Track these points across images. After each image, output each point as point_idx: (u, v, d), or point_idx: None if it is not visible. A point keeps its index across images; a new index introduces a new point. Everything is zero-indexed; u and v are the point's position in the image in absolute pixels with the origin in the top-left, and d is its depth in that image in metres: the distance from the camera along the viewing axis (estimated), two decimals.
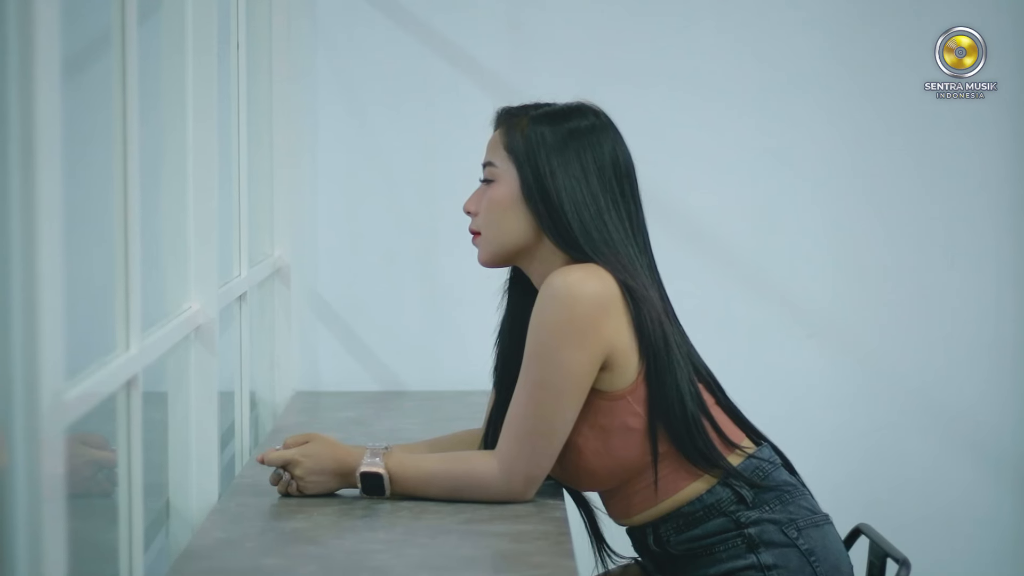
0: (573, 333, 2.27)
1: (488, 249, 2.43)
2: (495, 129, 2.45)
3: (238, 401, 3.03)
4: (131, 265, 1.96)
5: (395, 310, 3.86)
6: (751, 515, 2.33)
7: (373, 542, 2.17)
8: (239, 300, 3.05)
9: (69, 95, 1.90)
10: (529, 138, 2.38)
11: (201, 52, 2.48)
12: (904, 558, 2.44)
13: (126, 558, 2.01)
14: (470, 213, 2.44)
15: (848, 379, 3.94)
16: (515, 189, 2.39)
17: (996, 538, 3.97)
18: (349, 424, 3.29)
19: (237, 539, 2.22)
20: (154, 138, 2.40)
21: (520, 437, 2.32)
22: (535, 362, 2.30)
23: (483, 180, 2.43)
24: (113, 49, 1.96)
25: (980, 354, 3.94)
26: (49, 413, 1.51)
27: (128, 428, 2.01)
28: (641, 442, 2.32)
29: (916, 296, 3.93)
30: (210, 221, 2.50)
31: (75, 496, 1.91)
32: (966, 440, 3.95)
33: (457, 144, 3.81)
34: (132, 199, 1.96)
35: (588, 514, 2.53)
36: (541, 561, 2.09)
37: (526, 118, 2.41)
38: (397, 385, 3.85)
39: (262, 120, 3.50)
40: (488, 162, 2.43)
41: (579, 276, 2.29)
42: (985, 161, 3.91)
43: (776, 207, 3.91)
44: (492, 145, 2.44)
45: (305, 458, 2.39)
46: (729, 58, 3.86)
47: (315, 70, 3.81)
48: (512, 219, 2.39)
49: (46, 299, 1.49)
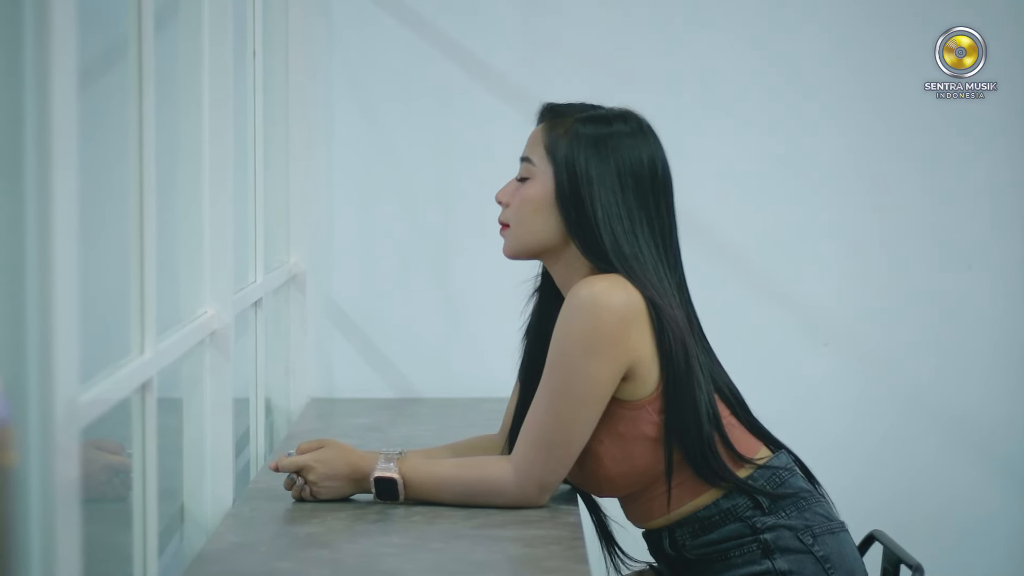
0: (597, 344, 2.27)
1: (514, 244, 2.43)
2: (538, 123, 2.44)
3: (253, 407, 3.03)
4: (146, 269, 1.97)
5: (410, 317, 3.86)
6: (767, 521, 2.32)
7: (386, 546, 2.17)
8: (254, 306, 3.06)
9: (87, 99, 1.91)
10: (571, 142, 2.37)
11: (217, 58, 2.49)
12: (917, 564, 2.44)
13: (140, 562, 2.01)
14: (501, 203, 2.43)
15: (858, 384, 3.93)
16: (549, 191, 2.38)
17: (1008, 542, 3.96)
18: (364, 431, 3.29)
19: (251, 543, 2.22)
20: (170, 142, 2.40)
21: (537, 444, 2.32)
22: (557, 371, 2.30)
23: (520, 177, 2.42)
24: (130, 54, 1.96)
25: (991, 359, 3.93)
26: (63, 416, 1.51)
27: (143, 432, 2.01)
28: (659, 450, 2.32)
29: (925, 300, 3.92)
30: (225, 226, 2.50)
31: (90, 500, 1.91)
32: (978, 445, 3.94)
33: (473, 150, 3.82)
34: (148, 203, 1.97)
35: (598, 517, 2.53)
36: (554, 566, 2.09)
37: (570, 120, 2.39)
38: (412, 392, 3.85)
39: (278, 126, 3.51)
40: (526, 157, 2.42)
41: (604, 287, 2.29)
42: (985, 161, 3.90)
43: (779, 208, 3.90)
44: (533, 141, 2.42)
45: (319, 463, 2.40)
46: (730, 59, 3.86)
47: (331, 77, 3.81)
48: (542, 220, 2.39)
49: (61, 302, 1.49)
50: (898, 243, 3.91)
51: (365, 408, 3.64)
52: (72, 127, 1.53)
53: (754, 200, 3.89)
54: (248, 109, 3.00)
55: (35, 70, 1.45)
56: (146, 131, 1.97)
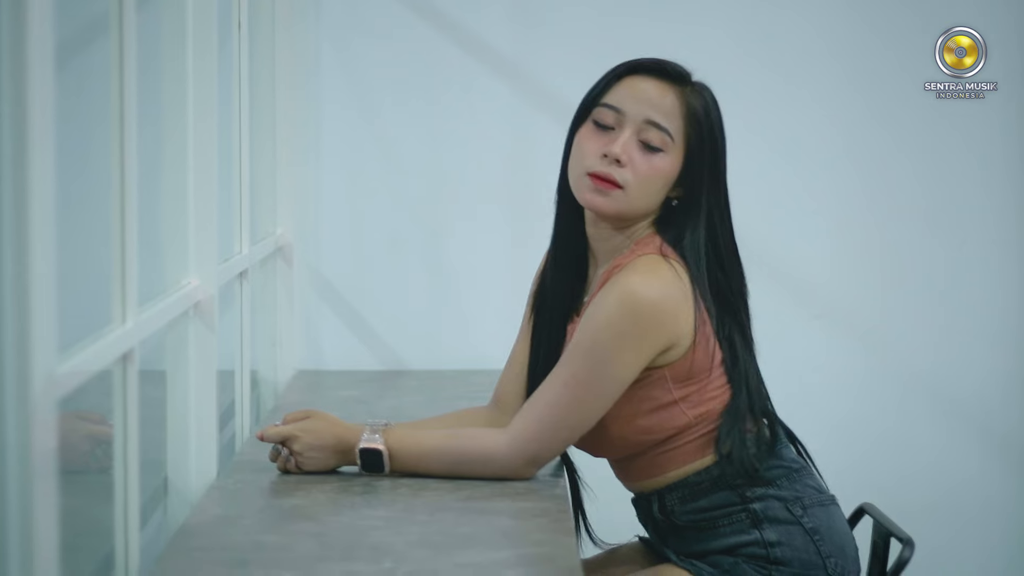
0: (630, 339, 2.24)
1: (624, 209, 2.31)
2: (663, 81, 2.33)
3: (239, 379, 3.01)
4: (128, 237, 1.95)
5: (397, 289, 3.84)
6: (757, 491, 2.31)
7: (372, 519, 2.15)
8: (240, 277, 3.04)
9: (69, 69, 1.89)
10: (709, 129, 2.32)
11: (202, 29, 2.46)
12: (908, 537, 2.42)
13: (122, 534, 1.99)
14: (620, 161, 2.29)
15: (853, 363, 3.93)
16: (678, 167, 2.32)
17: (1002, 521, 3.95)
18: (351, 403, 3.28)
19: (235, 516, 2.21)
20: (155, 112, 2.38)
21: (542, 420, 2.30)
22: (582, 356, 2.27)
23: (649, 144, 2.30)
24: (112, 24, 1.94)
25: (986, 338, 3.93)
26: (41, 387, 1.50)
27: (124, 403, 1.99)
28: (664, 415, 2.30)
29: (922, 280, 3.92)
30: (210, 197, 2.48)
31: (72, 472, 1.90)
32: (972, 423, 3.94)
33: (461, 122, 3.80)
34: (129, 171, 1.95)
35: (574, 488, 2.51)
36: (541, 538, 2.08)
37: (699, 95, 2.33)
38: (399, 364, 3.83)
39: (265, 97, 3.48)
40: (661, 126, 2.30)
41: (646, 279, 2.26)
42: (985, 161, 3.89)
43: (780, 205, 3.89)
44: (667, 110, 2.31)
45: (304, 433, 2.38)
46: (730, 58, 3.84)
47: (319, 48, 3.79)
48: (660, 193, 2.33)
49: (38, 272, 1.47)
50: (903, 226, 3.90)
51: (352, 380, 3.63)
52: (50, 94, 1.51)
53: (757, 196, 3.87)
54: (234, 80, 2.98)
55: (11, 37, 1.43)
56: (128, 101, 1.94)
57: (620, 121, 2.31)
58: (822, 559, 2.30)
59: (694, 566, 2.33)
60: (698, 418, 2.31)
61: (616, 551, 2.56)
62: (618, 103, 2.32)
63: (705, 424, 2.32)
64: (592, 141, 2.32)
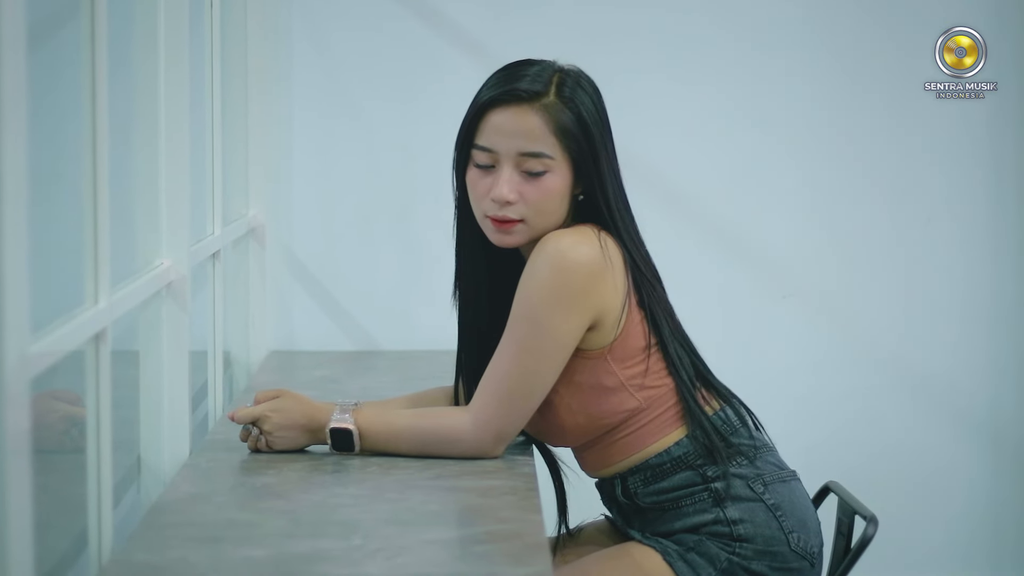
0: (564, 298, 2.27)
1: (531, 235, 2.35)
2: (520, 105, 2.32)
3: (212, 360, 3.03)
4: (100, 218, 1.96)
5: (370, 270, 3.86)
6: (718, 469, 2.34)
7: (342, 497, 2.18)
8: (213, 258, 3.05)
9: (40, 47, 1.90)
10: (588, 124, 2.32)
11: (173, 7, 2.47)
12: (872, 515, 2.46)
13: (95, 511, 2.01)
14: (510, 202, 2.32)
15: (821, 341, 3.96)
16: (569, 176, 2.34)
17: (967, 497, 3.99)
18: (323, 383, 3.30)
19: (207, 494, 2.22)
20: (126, 90, 2.39)
21: (499, 395, 2.33)
22: (523, 324, 2.30)
23: (531, 172, 2.31)
24: (83, 5, 1.95)
25: (955, 317, 3.96)
26: (13, 367, 1.51)
27: (97, 383, 2.01)
28: (614, 400, 2.33)
29: (891, 259, 3.95)
30: (182, 177, 2.49)
31: (47, 451, 1.91)
32: (940, 402, 3.97)
33: (435, 104, 3.81)
34: (101, 152, 1.96)
35: (556, 476, 2.54)
36: (509, 516, 2.10)
37: (555, 97, 2.32)
38: (371, 344, 3.85)
39: (236, 77, 3.49)
40: (536, 152, 2.31)
41: (572, 241, 2.29)
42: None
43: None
44: (536, 133, 2.31)
45: (274, 413, 2.40)
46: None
47: (290, 27, 3.79)
48: (562, 204, 2.35)
49: (9, 252, 1.49)
50: (873, 204, 3.93)
51: (325, 360, 3.64)
52: (21, 78, 1.52)
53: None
54: (206, 61, 2.98)
55: None
56: (99, 82, 1.95)
57: (496, 159, 2.34)
58: (784, 534, 2.33)
59: (659, 543, 2.35)
60: (648, 400, 2.35)
61: (583, 529, 2.58)
62: (488, 143, 2.34)
63: (657, 406, 2.36)
64: (480, 183, 2.36)
